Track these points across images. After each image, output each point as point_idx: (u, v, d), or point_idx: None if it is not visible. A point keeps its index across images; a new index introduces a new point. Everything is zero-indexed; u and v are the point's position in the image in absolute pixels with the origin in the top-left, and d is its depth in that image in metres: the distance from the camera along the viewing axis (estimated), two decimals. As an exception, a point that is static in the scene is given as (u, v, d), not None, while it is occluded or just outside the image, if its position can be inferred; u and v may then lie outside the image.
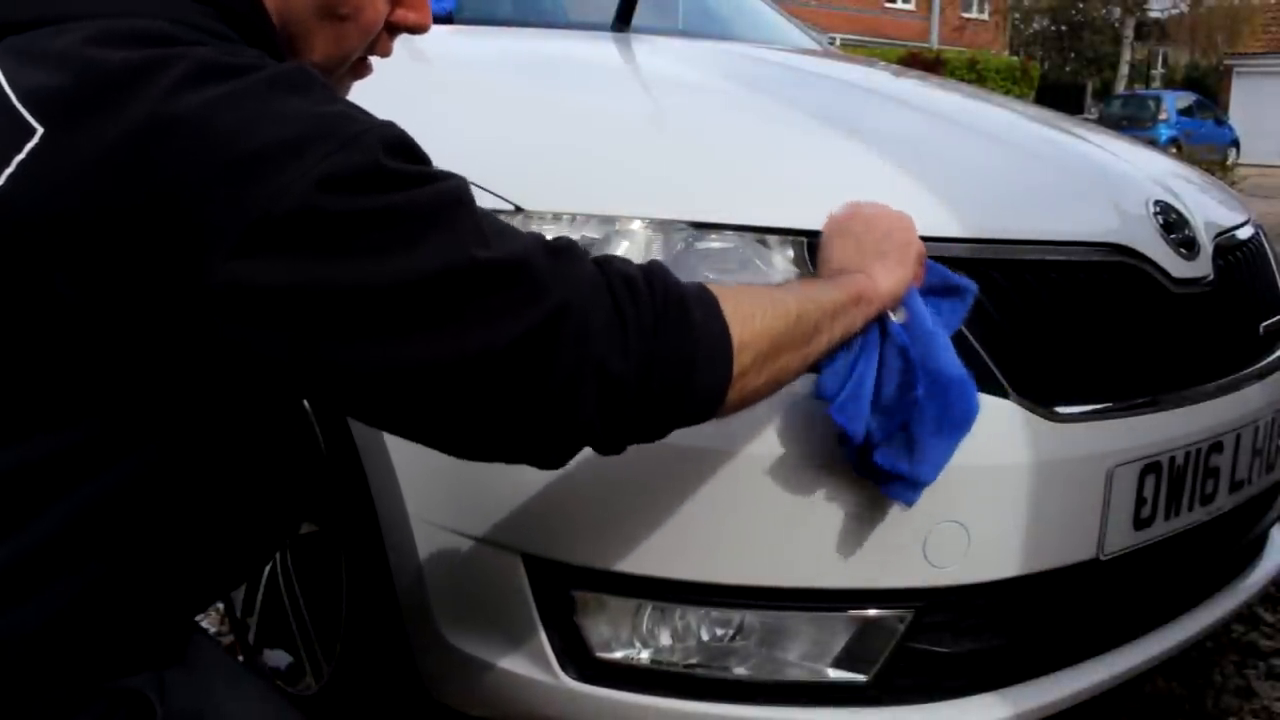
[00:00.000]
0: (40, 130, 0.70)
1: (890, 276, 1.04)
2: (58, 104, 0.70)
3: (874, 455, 1.05)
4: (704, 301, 0.84)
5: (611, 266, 0.81)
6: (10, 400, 0.74)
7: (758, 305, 0.89)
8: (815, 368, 1.00)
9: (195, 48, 0.75)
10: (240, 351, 0.72)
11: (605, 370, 0.77)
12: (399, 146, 0.75)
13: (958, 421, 1.06)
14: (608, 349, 0.77)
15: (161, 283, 0.69)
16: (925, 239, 1.21)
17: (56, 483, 0.76)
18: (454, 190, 0.76)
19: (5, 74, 0.73)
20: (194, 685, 0.88)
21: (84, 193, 0.69)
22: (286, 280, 0.69)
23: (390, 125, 0.76)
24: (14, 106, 0.71)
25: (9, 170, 0.70)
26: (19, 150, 0.70)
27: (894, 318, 1.05)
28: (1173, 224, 1.42)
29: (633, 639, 1.19)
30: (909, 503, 1.08)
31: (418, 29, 0.95)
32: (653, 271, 0.83)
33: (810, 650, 1.19)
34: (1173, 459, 1.31)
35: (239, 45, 0.80)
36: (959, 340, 1.17)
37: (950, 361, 1.06)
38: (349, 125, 0.73)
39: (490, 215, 0.80)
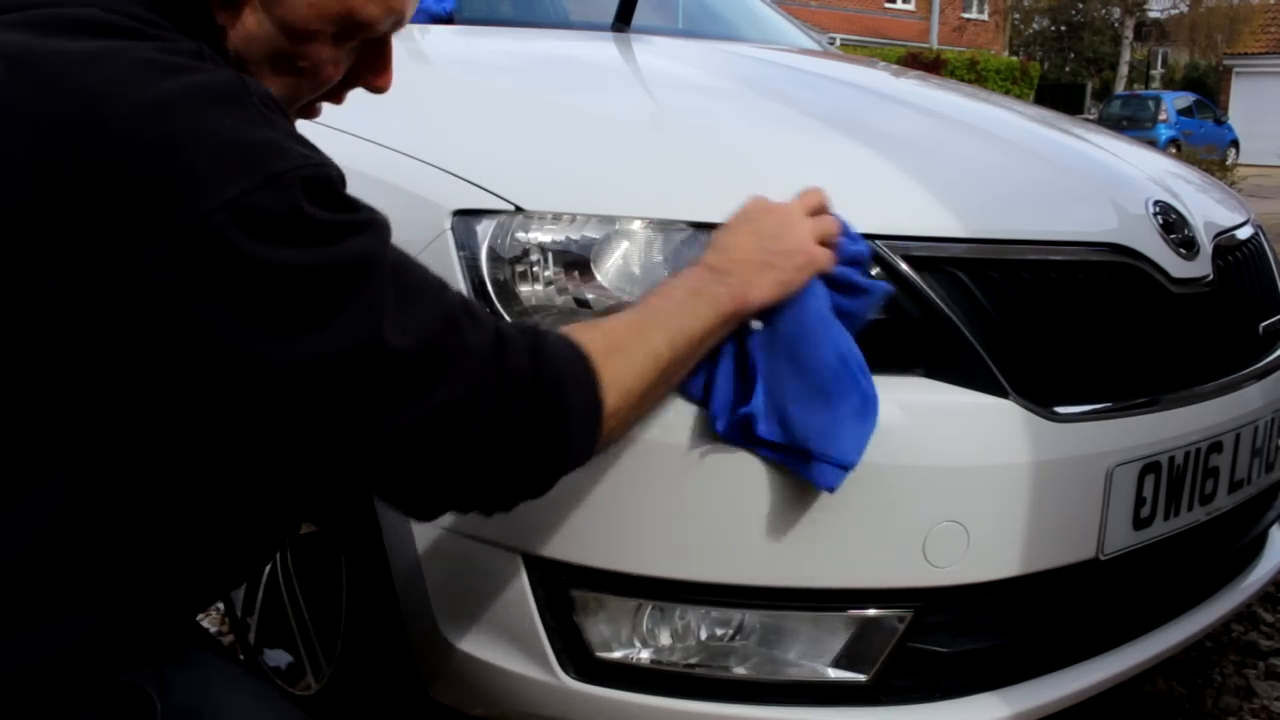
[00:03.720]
0: None
1: (766, 289, 1.05)
2: None
3: (761, 449, 1.09)
4: (581, 382, 0.89)
5: (508, 348, 0.84)
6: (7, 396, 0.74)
7: (633, 362, 0.94)
8: None
9: (133, 43, 0.74)
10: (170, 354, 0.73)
11: (483, 453, 0.82)
12: (322, 188, 0.75)
13: (857, 408, 1.08)
14: (488, 435, 0.82)
15: (112, 270, 0.70)
16: (925, 239, 1.21)
17: (50, 480, 0.76)
18: (369, 251, 0.77)
19: None
20: (194, 682, 0.88)
21: (21, 183, 0.69)
22: (200, 315, 0.71)
23: (314, 162, 0.76)
24: None
25: None
26: None
27: (754, 324, 1.08)
28: (1172, 224, 1.42)
29: (633, 639, 1.19)
30: (828, 486, 1.08)
31: (377, 91, 0.96)
32: (541, 354, 0.86)
33: (810, 650, 1.19)
34: (1172, 459, 1.31)
35: (175, 35, 0.78)
36: (958, 341, 1.17)
37: (828, 353, 1.07)
38: (274, 160, 0.73)
39: (405, 269, 0.81)
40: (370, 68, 0.93)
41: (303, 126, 0.92)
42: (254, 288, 0.71)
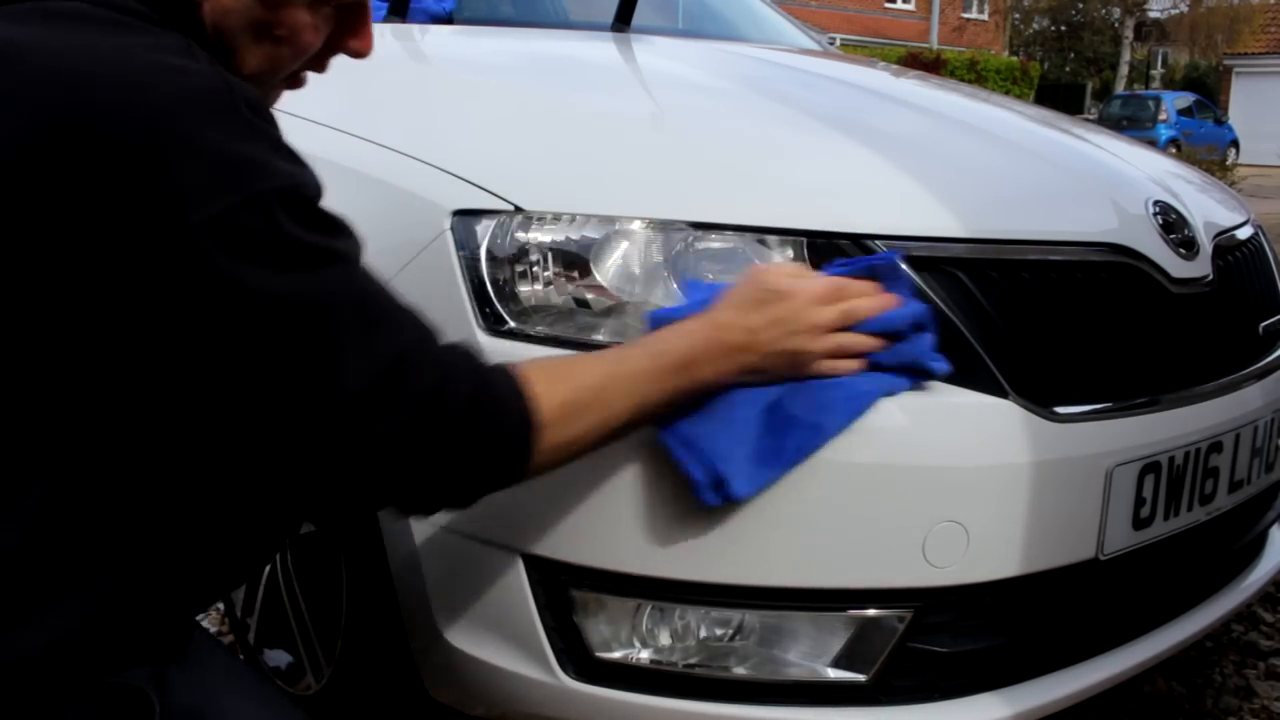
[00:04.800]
0: None
1: (742, 375, 1.05)
2: None
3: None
4: (514, 443, 0.89)
5: (446, 399, 0.84)
6: (11, 392, 0.74)
7: (584, 425, 0.94)
8: None
9: (123, 38, 0.75)
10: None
11: (403, 479, 0.85)
12: (301, 205, 0.77)
13: (785, 459, 1.08)
14: (411, 469, 0.84)
15: (92, 265, 0.71)
16: (925, 239, 1.21)
17: (48, 475, 0.76)
18: (339, 284, 0.79)
19: None
20: (193, 682, 0.88)
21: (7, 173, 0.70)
22: (169, 321, 0.73)
23: (296, 181, 0.77)
24: None
25: None
26: None
27: None
28: (1172, 224, 1.42)
29: (632, 639, 1.19)
30: (709, 502, 1.08)
31: (357, 55, 0.95)
32: (482, 408, 0.86)
33: (810, 650, 1.19)
34: (1172, 459, 1.31)
35: (159, 29, 0.79)
36: (958, 341, 1.17)
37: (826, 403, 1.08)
38: (257, 177, 0.74)
39: (372, 301, 0.82)
40: (349, 31, 0.93)
41: (302, 126, 0.92)
42: (224, 307, 0.73)
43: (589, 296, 1.17)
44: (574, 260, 1.17)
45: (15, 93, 0.71)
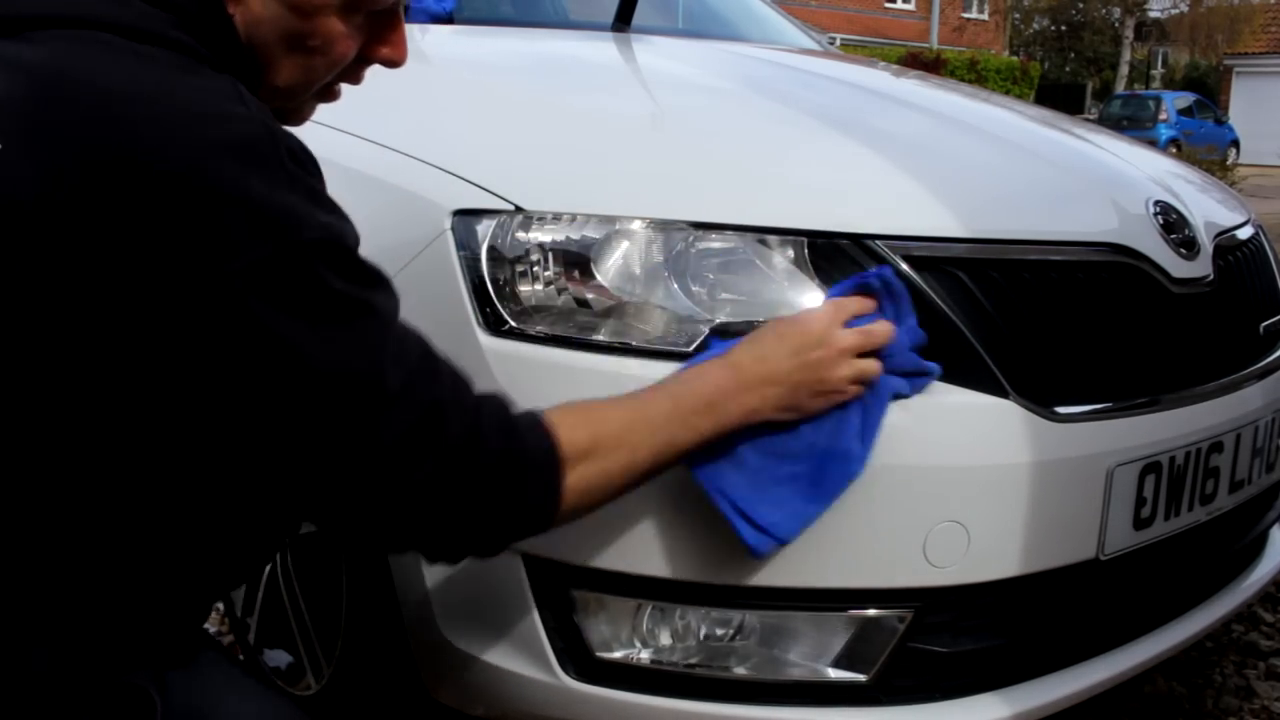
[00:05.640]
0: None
1: (772, 412, 1.04)
2: (15, 119, 0.71)
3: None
4: (543, 487, 0.89)
5: (481, 442, 0.84)
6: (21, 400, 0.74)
7: (607, 472, 0.94)
8: None
9: (169, 76, 0.74)
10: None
11: (437, 524, 0.85)
12: (339, 257, 0.77)
13: (825, 492, 1.08)
14: (445, 514, 0.84)
15: (126, 302, 0.72)
16: (925, 239, 1.21)
17: (51, 482, 0.76)
18: (375, 337, 0.79)
19: None
20: (194, 682, 0.88)
21: (38, 193, 0.70)
22: (198, 359, 0.73)
23: (335, 232, 0.77)
24: None
25: None
26: None
27: None
28: (1173, 224, 1.42)
29: (633, 639, 1.19)
30: (758, 549, 1.07)
31: (391, 64, 0.95)
32: (512, 453, 0.87)
33: (810, 650, 1.19)
34: (1173, 459, 1.31)
35: (203, 66, 0.79)
36: (959, 341, 1.17)
37: (848, 438, 1.08)
38: (297, 227, 0.74)
39: (407, 346, 0.82)
40: (383, 40, 0.92)
41: (302, 126, 0.92)
42: (259, 355, 0.74)
43: (589, 296, 1.17)
44: (574, 260, 1.17)
45: (63, 127, 0.71)
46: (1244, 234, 1.63)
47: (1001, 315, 1.22)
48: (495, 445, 0.85)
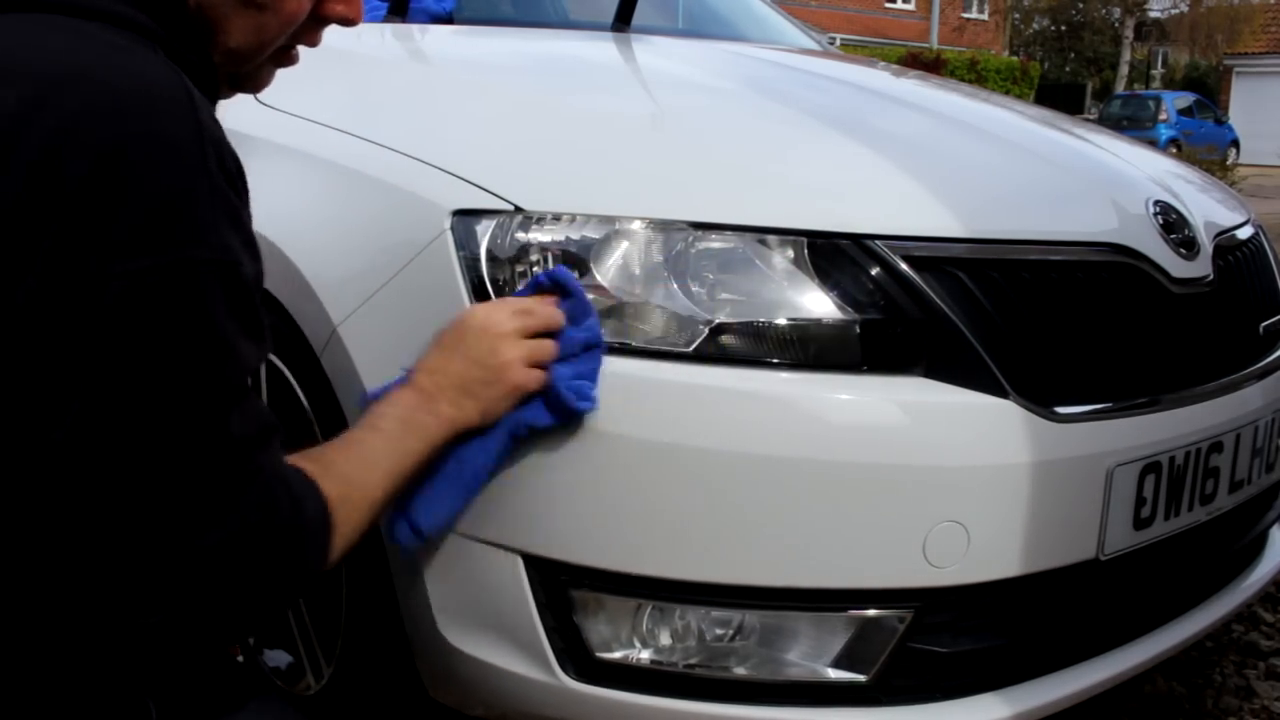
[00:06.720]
0: None
1: (469, 416, 1.07)
2: None
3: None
4: (319, 538, 0.89)
5: (278, 505, 0.83)
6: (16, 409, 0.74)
7: (358, 511, 0.95)
8: None
9: (110, 58, 0.73)
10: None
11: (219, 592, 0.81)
12: (226, 287, 0.74)
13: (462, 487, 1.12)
14: (233, 578, 0.81)
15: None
16: (925, 238, 1.21)
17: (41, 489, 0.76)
18: (227, 384, 0.76)
19: None
20: (192, 686, 0.88)
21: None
22: (53, 351, 0.70)
23: (230, 260, 0.74)
24: None
25: None
26: None
27: None
28: (1173, 224, 1.42)
29: (633, 639, 1.19)
30: (404, 542, 1.12)
31: (346, 22, 0.93)
32: (300, 515, 0.86)
33: (810, 650, 1.19)
34: (1173, 459, 1.31)
35: (145, 44, 0.77)
36: (958, 341, 1.17)
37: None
38: (194, 244, 0.72)
39: (249, 410, 0.80)
40: None
41: (303, 126, 0.91)
42: (110, 357, 0.71)
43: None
44: (574, 260, 1.17)
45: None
46: (1244, 234, 1.63)
47: (1001, 315, 1.21)
48: (285, 518, 0.83)
